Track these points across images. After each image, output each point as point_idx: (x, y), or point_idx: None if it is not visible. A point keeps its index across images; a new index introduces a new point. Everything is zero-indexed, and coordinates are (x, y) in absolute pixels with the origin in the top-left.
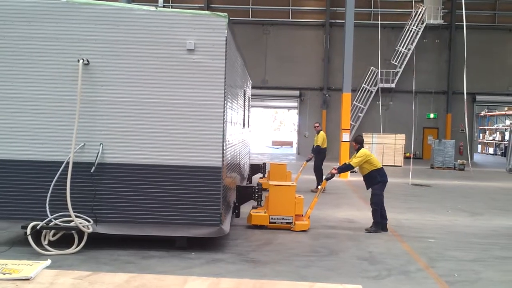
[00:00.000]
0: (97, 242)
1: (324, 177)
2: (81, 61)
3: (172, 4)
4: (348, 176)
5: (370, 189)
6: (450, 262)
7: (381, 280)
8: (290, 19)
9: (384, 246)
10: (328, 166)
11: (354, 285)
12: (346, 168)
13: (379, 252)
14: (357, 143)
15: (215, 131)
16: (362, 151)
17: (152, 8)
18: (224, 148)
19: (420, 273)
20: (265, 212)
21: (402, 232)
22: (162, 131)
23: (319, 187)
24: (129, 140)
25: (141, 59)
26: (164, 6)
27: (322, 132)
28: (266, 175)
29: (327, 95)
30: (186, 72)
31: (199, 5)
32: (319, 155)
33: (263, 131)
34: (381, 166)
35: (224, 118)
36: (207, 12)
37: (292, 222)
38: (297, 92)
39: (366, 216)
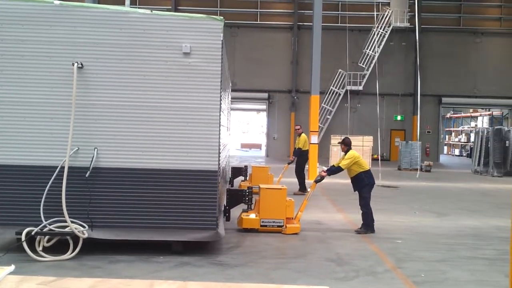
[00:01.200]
0: (64, 247)
1: (314, 180)
2: (75, 64)
3: (139, 6)
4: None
5: (355, 192)
6: (417, 263)
7: (349, 281)
8: (258, 22)
9: (352, 248)
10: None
11: (321, 286)
12: (335, 170)
13: (347, 254)
14: (346, 145)
15: (211, 134)
16: (350, 152)
17: (148, 11)
18: (220, 151)
19: (387, 273)
20: (256, 216)
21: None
22: (157, 135)
23: (309, 189)
24: (124, 144)
25: (136, 63)
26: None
27: (303, 135)
28: (248, 178)
29: (295, 97)
30: (182, 76)
31: (167, 7)
32: (301, 157)
33: (232, 134)
34: (369, 168)
35: (220, 122)
36: (203, 15)
37: (283, 225)
38: (265, 95)
39: (334, 218)
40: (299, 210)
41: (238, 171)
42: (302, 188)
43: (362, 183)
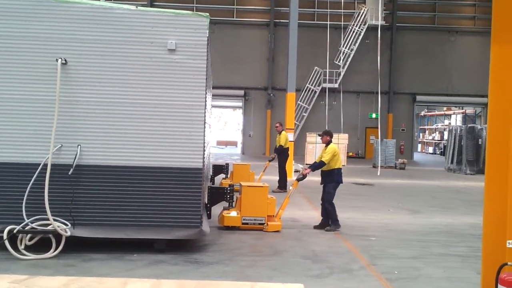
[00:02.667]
0: (37, 245)
1: (295, 178)
2: (59, 60)
3: (114, 1)
4: (292, 175)
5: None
6: (391, 260)
7: (324, 279)
8: (235, 19)
9: (327, 245)
10: (273, 166)
11: (295, 284)
12: (319, 165)
13: (322, 251)
14: (330, 136)
15: (196, 132)
16: (331, 146)
17: (133, 7)
18: (204, 149)
19: (362, 271)
20: (237, 213)
21: (345, 230)
22: (141, 132)
23: (291, 188)
24: (108, 141)
25: (121, 59)
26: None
27: (284, 132)
28: (229, 176)
29: (271, 94)
30: (167, 73)
31: (143, 3)
32: (282, 155)
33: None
34: (341, 166)
35: (204, 119)
36: (188, 12)
37: (264, 223)
38: (241, 92)
39: (309, 215)
40: (280, 208)
41: (219, 169)
42: (281, 186)
43: (331, 179)
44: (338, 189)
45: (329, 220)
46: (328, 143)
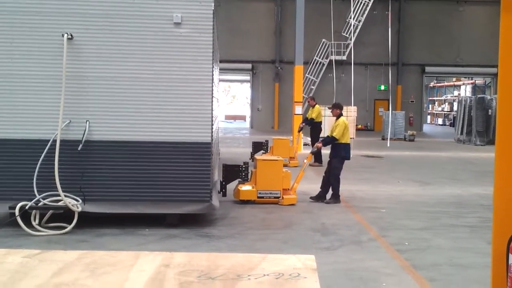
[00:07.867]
0: (49, 222)
1: (310, 151)
2: (65, 35)
3: None
4: (301, 149)
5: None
6: (401, 231)
7: (334, 251)
8: None
9: (336, 217)
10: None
11: (307, 255)
12: (329, 141)
13: (332, 224)
14: (340, 109)
15: (204, 106)
16: (341, 120)
17: None
18: (213, 123)
19: (372, 242)
20: (252, 187)
21: (354, 203)
22: (149, 107)
23: (305, 161)
24: (117, 116)
25: (126, 33)
26: None
27: (317, 106)
28: (269, 151)
29: (279, 68)
30: (174, 47)
31: None
32: (314, 129)
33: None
34: (349, 142)
35: (212, 94)
36: None
37: (280, 196)
38: (249, 65)
39: (319, 188)
40: (295, 181)
41: (259, 146)
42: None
43: (337, 153)
44: (347, 162)
45: (325, 192)
46: (338, 116)
